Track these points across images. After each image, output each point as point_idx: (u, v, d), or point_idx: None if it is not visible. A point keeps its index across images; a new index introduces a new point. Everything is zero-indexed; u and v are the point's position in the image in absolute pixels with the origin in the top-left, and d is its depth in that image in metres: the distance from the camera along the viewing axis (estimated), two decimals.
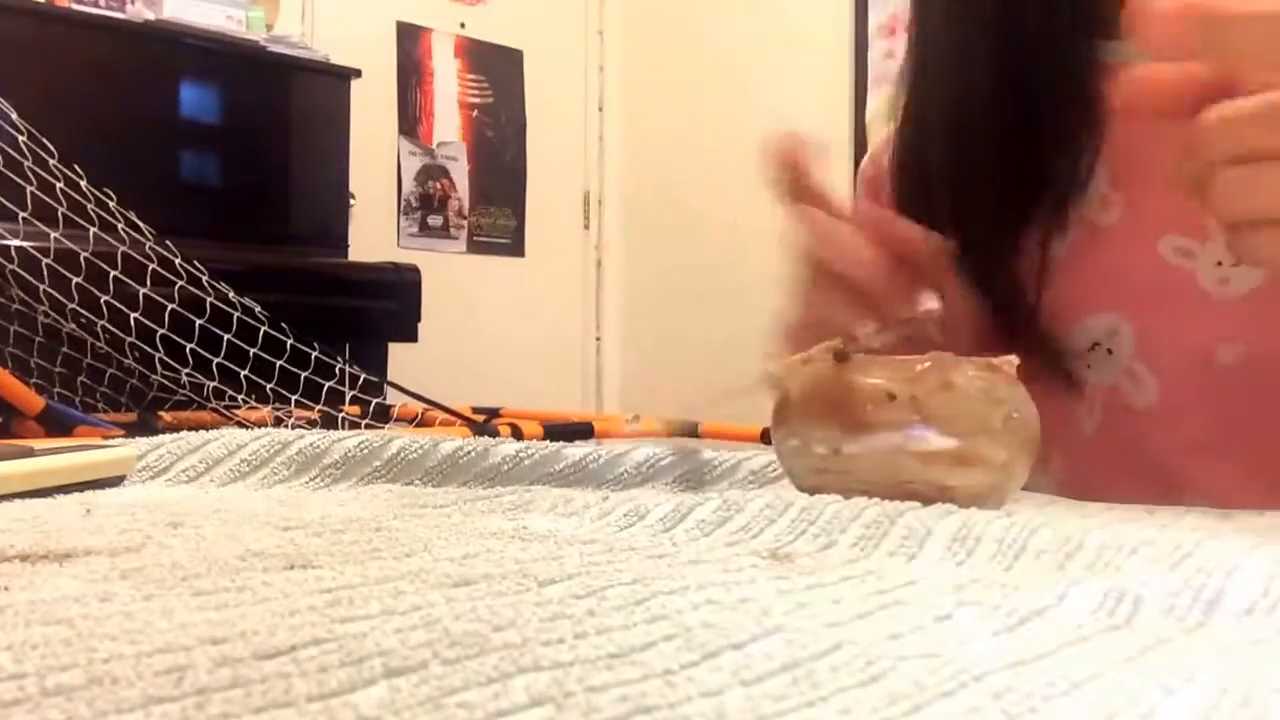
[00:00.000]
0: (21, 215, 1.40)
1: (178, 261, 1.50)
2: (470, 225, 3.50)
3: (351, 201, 2.86)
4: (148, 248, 1.51)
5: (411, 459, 0.48)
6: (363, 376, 1.68)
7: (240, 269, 2.01)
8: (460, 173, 3.48)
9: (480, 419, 1.69)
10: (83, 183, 1.47)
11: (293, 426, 1.02)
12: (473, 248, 3.50)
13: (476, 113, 3.52)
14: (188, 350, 1.45)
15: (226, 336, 1.47)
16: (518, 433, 1.49)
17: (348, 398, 1.64)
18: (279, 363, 1.51)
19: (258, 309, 1.53)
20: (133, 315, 1.43)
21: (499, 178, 3.56)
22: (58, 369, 1.57)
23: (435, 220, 3.42)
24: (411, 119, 3.38)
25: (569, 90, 3.70)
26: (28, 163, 1.42)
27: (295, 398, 1.54)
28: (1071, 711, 0.19)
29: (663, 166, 3.57)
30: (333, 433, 0.50)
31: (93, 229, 1.46)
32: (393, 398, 1.84)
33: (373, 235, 3.06)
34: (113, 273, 1.44)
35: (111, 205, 1.50)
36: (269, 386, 1.52)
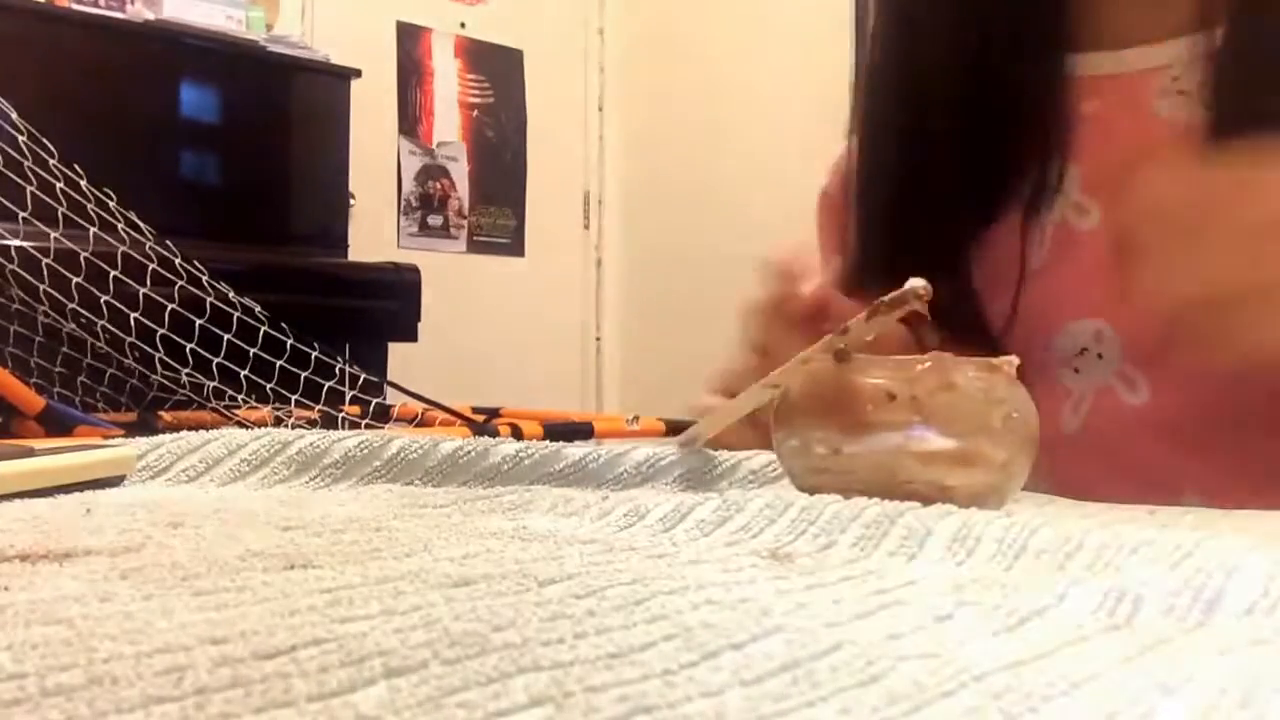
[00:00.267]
0: (21, 215, 1.41)
1: (178, 261, 1.50)
2: (470, 225, 3.50)
3: (351, 201, 2.86)
4: (148, 248, 1.51)
5: (411, 459, 0.48)
6: (363, 376, 1.68)
7: (240, 269, 2.01)
8: (460, 173, 3.48)
9: (480, 419, 1.69)
10: (83, 183, 1.47)
11: (293, 426, 1.02)
12: (473, 248, 3.50)
13: (476, 113, 3.52)
14: (188, 350, 1.45)
15: (226, 336, 1.48)
16: (518, 433, 1.49)
17: (348, 398, 1.64)
18: (279, 363, 1.51)
19: (258, 309, 1.53)
20: (133, 315, 1.43)
21: (499, 178, 3.56)
22: (58, 369, 1.57)
23: (435, 220, 3.42)
24: (411, 119, 3.38)
25: (569, 90, 3.70)
26: (28, 163, 1.42)
27: (295, 398, 1.54)
28: (1071, 711, 0.19)
29: (663, 166, 3.57)
30: (333, 433, 0.50)
31: (93, 229, 1.46)
32: (393, 398, 1.84)
33: (373, 235, 3.06)
34: (113, 273, 1.44)
35: (111, 205, 1.50)
36: (269, 386, 1.53)
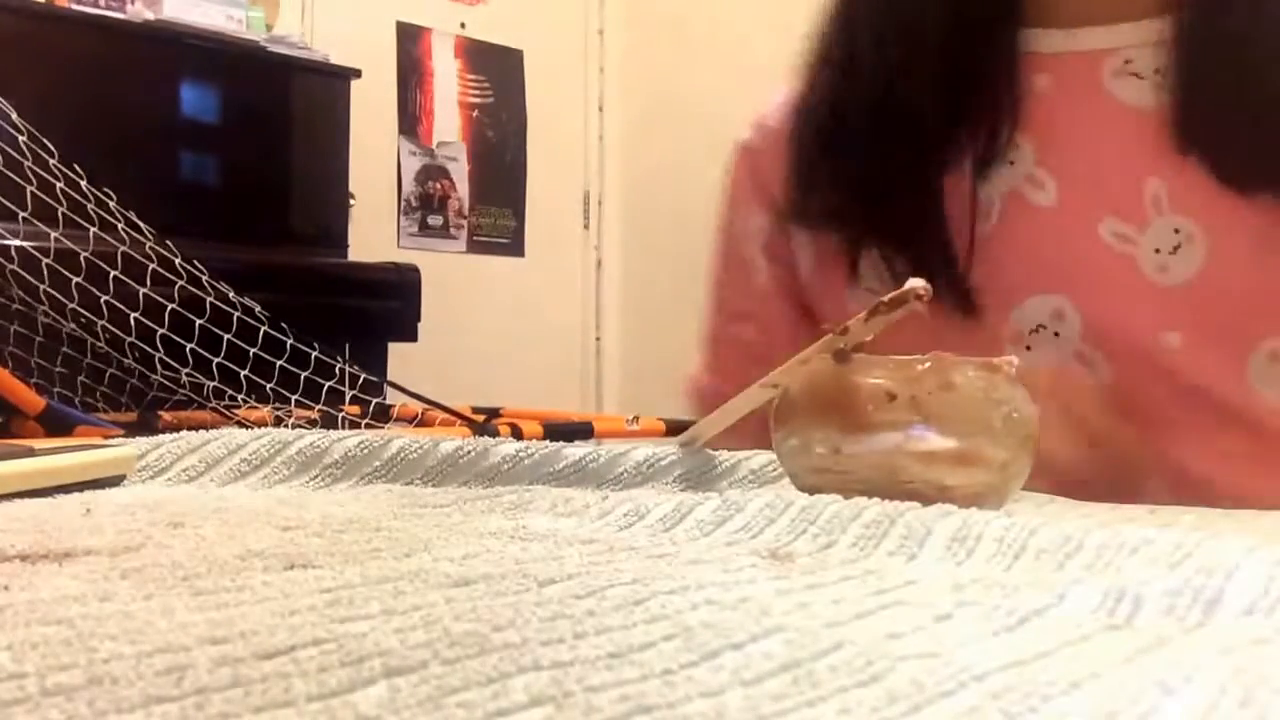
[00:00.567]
0: (21, 215, 1.40)
1: (178, 261, 1.50)
2: (470, 225, 3.50)
3: (351, 201, 2.86)
4: (148, 248, 1.51)
5: (411, 459, 0.48)
6: (363, 376, 1.68)
7: (240, 269, 2.01)
8: (460, 173, 3.48)
9: (480, 419, 1.69)
10: (83, 183, 1.47)
11: (293, 426, 1.02)
12: (473, 248, 3.50)
13: (476, 113, 3.52)
14: (188, 350, 1.45)
15: (226, 336, 1.47)
16: (518, 433, 1.49)
17: (348, 397, 1.64)
18: (279, 363, 1.51)
19: (258, 309, 1.53)
20: (133, 315, 1.43)
21: (499, 178, 3.56)
22: (58, 369, 1.57)
23: (435, 220, 3.42)
24: (411, 119, 3.38)
25: (569, 90, 3.70)
26: (28, 163, 1.41)
27: (295, 398, 1.54)
28: (1071, 711, 0.19)
29: (663, 166, 3.57)
30: (333, 432, 0.50)
31: (93, 229, 1.45)
32: (393, 398, 1.84)
33: (373, 235, 3.06)
34: (113, 273, 1.44)
35: (111, 205, 1.50)
36: (269, 386, 1.52)
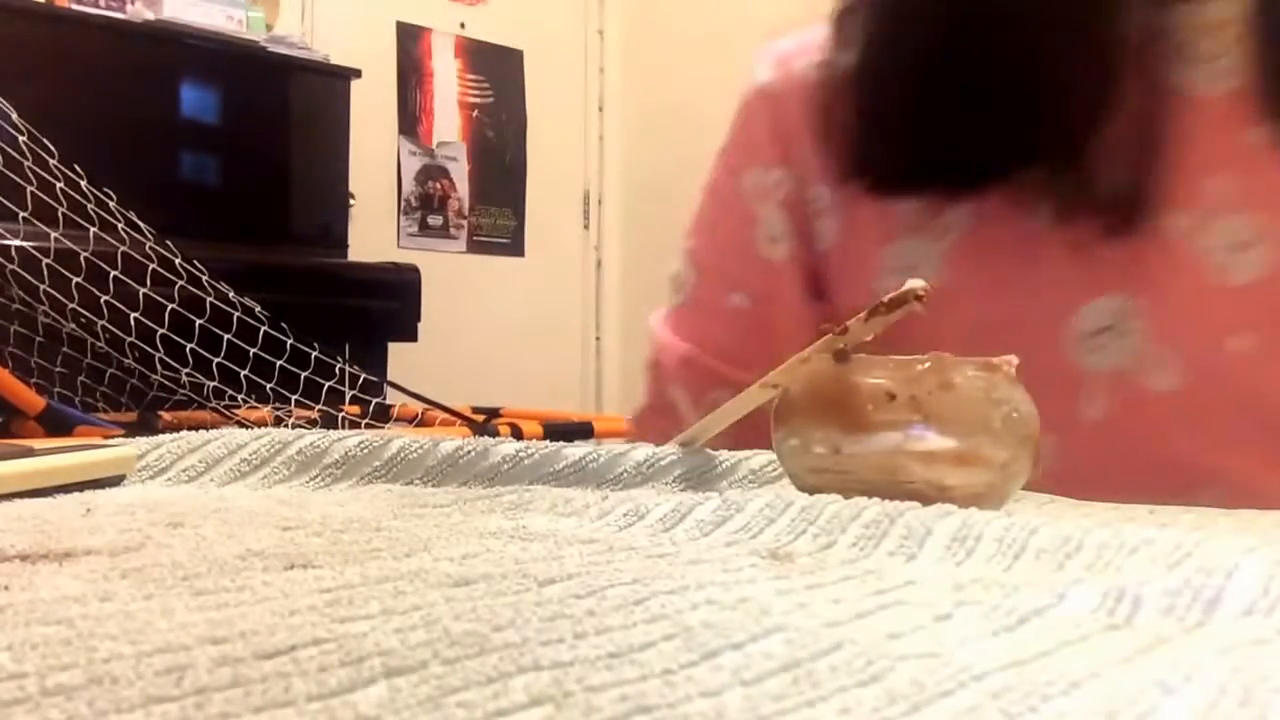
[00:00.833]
0: (21, 215, 1.41)
1: (178, 261, 1.50)
2: (470, 225, 3.50)
3: (351, 201, 2.86)
4: (148, 248, 1.51)
5: (411, 459, 0.48)
6: (363, 376, 1.68)
7: (240, 269, 2.01)
8: (460, 173, 3.48)
9: (480, 419, 1.69)
10: (83, 183, 1.47)
11: (293, 426, 1.02)
12: (473, 248, 3.50)
13: (476, 113, 3.52)
14: (188, 350, 1.45)
15: (226, 336, 1.48)
16: (518, 433, 1.49)
17: (348, 397, 1.64)
18: (279, 363, 1.52)
19: (258, 309, 1.53)
20: (133, 315, 1.44)
21: (499, 178, 3.56)
22: (58, 369, 1.57)
23: (435, 220, 3.42)
24: (411, 119, 3.38)
25: (569, 90, 3.70)
26: (28, 163, 1.42)
27: (295, 397, 1.54)
28: (1071, 711, 0.19)
29: (663, 166, 3.57)
30: (333, 432, 0.50)
31: (93, 229, 1.46)
32: (393, 397, 1.84)
33: (373, 235, 3.06)
34: (113, 273, 1.44)
35: (111, 205, 1.50)
36: (269, 386, 1.53)
